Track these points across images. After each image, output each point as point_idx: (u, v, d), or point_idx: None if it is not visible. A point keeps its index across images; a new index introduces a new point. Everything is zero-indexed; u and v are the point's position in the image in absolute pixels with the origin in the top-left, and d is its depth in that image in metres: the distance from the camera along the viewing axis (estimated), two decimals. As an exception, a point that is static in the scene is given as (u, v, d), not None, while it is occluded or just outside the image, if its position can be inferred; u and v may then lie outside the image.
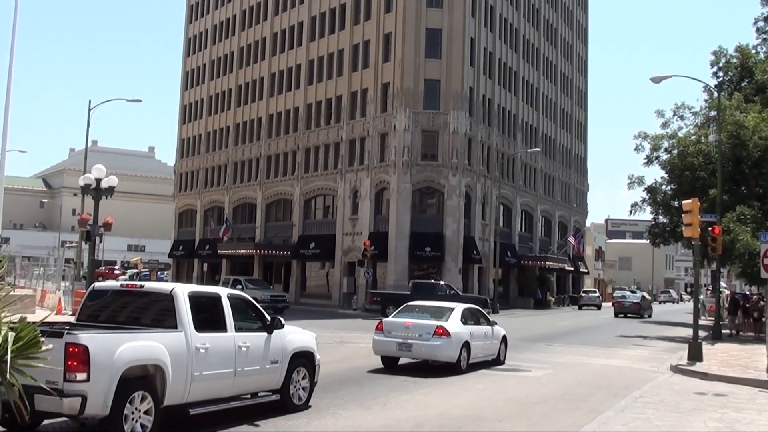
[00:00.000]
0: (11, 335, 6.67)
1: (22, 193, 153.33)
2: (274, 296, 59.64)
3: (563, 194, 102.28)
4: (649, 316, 77.09)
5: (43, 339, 6.90)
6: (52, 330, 11.97)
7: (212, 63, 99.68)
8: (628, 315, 75.70)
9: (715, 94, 50.95)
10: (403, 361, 26.17)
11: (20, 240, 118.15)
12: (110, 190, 39.12)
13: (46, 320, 11.57)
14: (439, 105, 72.36)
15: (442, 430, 15.29)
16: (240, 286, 57.72)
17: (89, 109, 59.13)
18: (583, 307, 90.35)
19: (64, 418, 13.06)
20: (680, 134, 55.92)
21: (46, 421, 13.68)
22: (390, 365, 25.41)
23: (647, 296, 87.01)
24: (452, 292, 56.46)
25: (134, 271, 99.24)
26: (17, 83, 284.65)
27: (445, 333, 24.52)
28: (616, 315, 75.81)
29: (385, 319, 26.36)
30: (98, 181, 38.81)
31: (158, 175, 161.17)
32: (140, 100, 61.89)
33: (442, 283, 59.91)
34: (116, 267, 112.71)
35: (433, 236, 70.63)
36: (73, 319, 15.39)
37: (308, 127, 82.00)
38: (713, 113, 52.77)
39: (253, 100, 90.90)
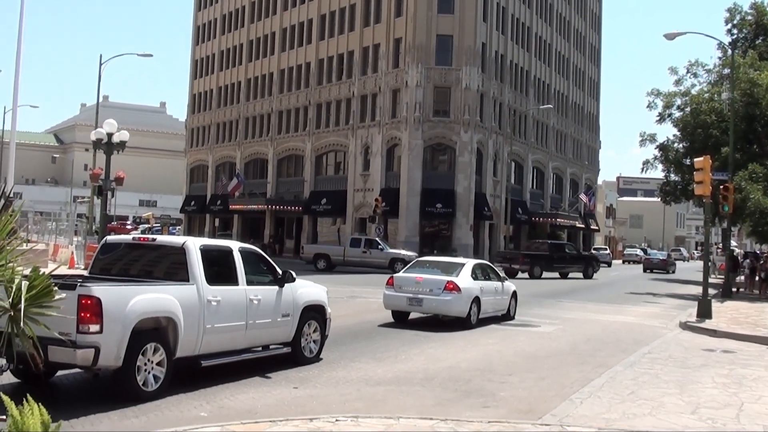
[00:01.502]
0: (25, 284, 6.74)
1: (33, 149, 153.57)
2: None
3: (575, 151, 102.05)
4: (673, 272, 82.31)
5: (56, 288, 6.96)
6: (65, 282, 12.05)
7: (224, 17, 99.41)
8: (654, 270, 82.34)
9: (729, 51, 50.67)
10: (413, 315, 26.27)
11: (32, 195, 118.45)
12: (122, 145, 39.13)
13: (59, 273, 11.65)
14: (452, 61, 72.14)
15: (452, 382, 15.40)
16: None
17: (100, 64, 59.15)
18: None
19: (77, 370, 13.19)
20: (693, 92, 55.69)
21: (59, 373, 13.82)
22: (401, 320, 25.51)
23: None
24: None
25: (146, 226, 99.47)
26: (28, 39, 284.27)
27: (456, 288, 24.60)
28: (645, 270, 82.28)
29: (395, 275, 26.44)
30: (110, 135, 38.82)
31: (170, 130, 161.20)
32: (151, 55, 62.25)
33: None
34: (128, 222, 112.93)
35: (445, 193, 70.67)
36: (85, 273, 15.49)
37: (320, 82, 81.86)
38: (727, 71, 52.47)
39: (265, 55, 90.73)
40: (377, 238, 58.57)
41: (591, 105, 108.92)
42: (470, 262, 26.83)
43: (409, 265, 27.80)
